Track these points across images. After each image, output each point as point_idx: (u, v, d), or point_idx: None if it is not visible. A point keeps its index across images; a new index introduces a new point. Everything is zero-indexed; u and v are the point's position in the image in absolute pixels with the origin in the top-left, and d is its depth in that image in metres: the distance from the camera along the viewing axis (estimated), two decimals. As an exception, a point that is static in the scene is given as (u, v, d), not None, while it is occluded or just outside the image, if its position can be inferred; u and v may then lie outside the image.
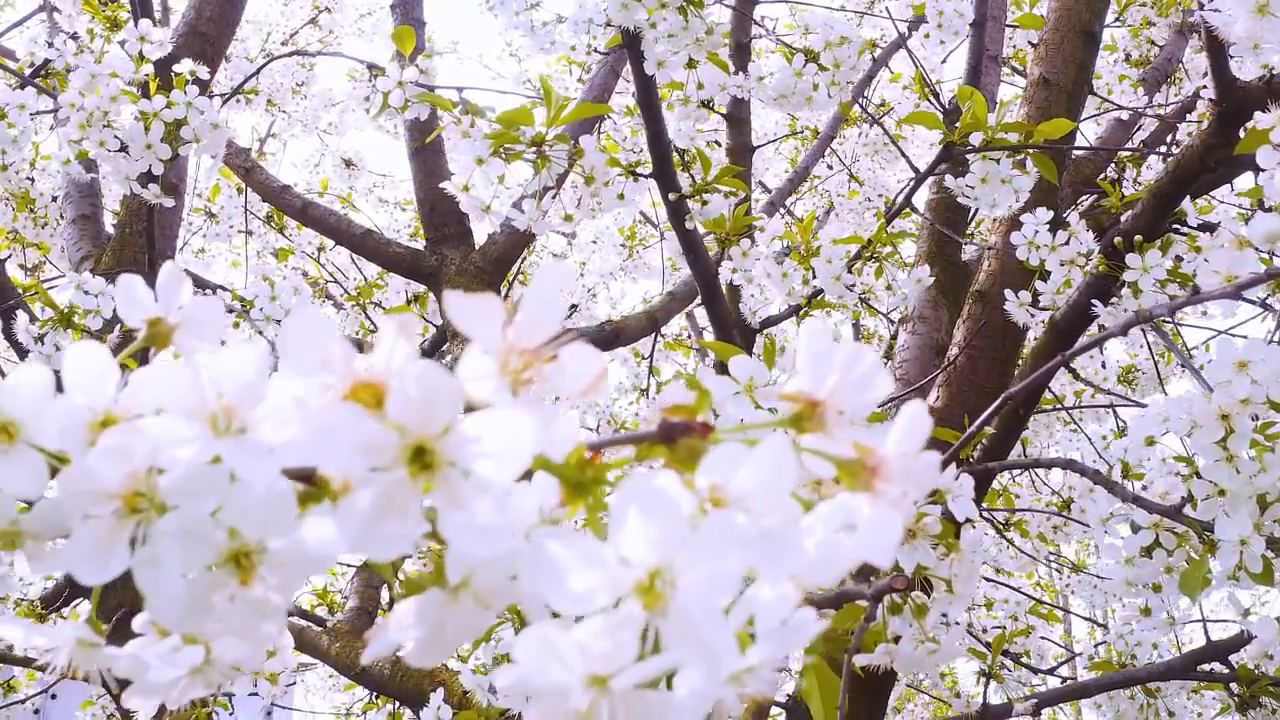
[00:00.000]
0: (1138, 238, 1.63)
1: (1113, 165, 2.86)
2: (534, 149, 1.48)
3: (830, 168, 4.82)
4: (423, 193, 3.46)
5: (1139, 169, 2.83)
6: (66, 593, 2.91)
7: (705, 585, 0.33)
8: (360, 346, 0.43)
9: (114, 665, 0.47)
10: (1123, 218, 1.78)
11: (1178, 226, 1.83)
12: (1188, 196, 1.75)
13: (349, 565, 3.98)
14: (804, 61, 1.90)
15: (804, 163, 4.02)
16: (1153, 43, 3.30)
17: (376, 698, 3.74)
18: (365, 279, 4.10)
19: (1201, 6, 1.31)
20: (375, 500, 0.34)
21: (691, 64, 1.91)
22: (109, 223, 2.96)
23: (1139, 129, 3.02)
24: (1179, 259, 1.70)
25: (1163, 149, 2.92)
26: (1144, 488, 1.44)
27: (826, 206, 4.78)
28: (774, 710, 2.45)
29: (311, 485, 0.38)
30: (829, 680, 1.02)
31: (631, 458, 0.39)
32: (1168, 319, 2.28)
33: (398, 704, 3.35)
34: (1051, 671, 2.97)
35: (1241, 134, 1.59)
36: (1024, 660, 2.84)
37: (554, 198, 1.66)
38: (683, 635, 0.33)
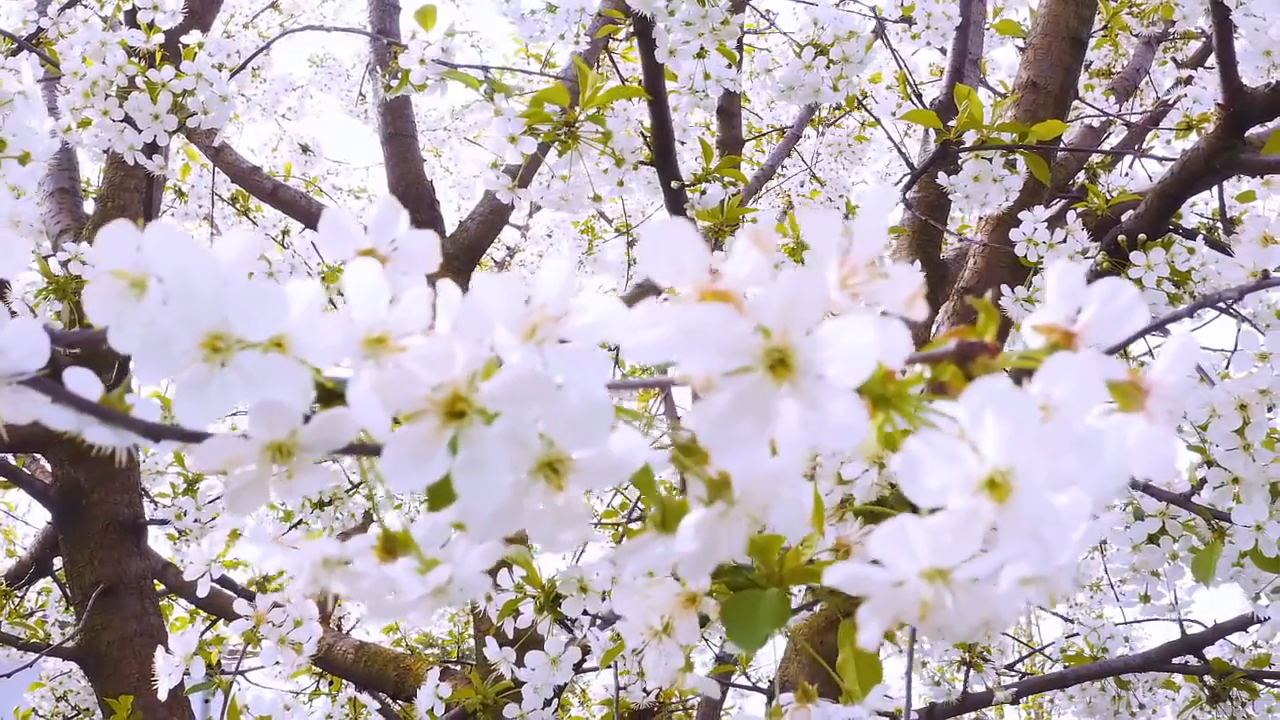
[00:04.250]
0: (1141, 236, 1.68)
1: (1083, 171, 2.93)
2: (565, 129, 1.49)
3: (785, 168, 4.87)
4: (394, 177, 3.45)
5: (1109, 173, 2.90)
6: (32, 570, 2.87)
7: (1046, 484, 0.35)
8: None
9: (358, 585, 0.48)
10: (1124, 216, 1.83)
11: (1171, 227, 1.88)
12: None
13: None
14: (813, 54, 1.93)
15: (770, 161, 4.05)
16: (1120, 52, 3.38)
17: (330, 685, 3.72)
18: (328, 265, 4.08)
19: (1228, 13, 1.36)
20: (733, 401, 0.35)
21: (701, 54, 1.93)
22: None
23: (1108, 135, 3.09)
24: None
25: (1129, 155, 2.99)
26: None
27: (785, 205, 4.83)
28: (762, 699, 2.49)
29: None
30: (865, 652, 1.04)
31: (921, 375, 0.41)
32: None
33: (356, 688, 3.34)
34: (1012, 667, 3.03)
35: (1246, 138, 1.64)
36: (986, 655, 2.89)
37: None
38: (1021, 531, 0.35)
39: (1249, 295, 1.60)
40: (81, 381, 0.50)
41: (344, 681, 3.33)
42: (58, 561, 3.02)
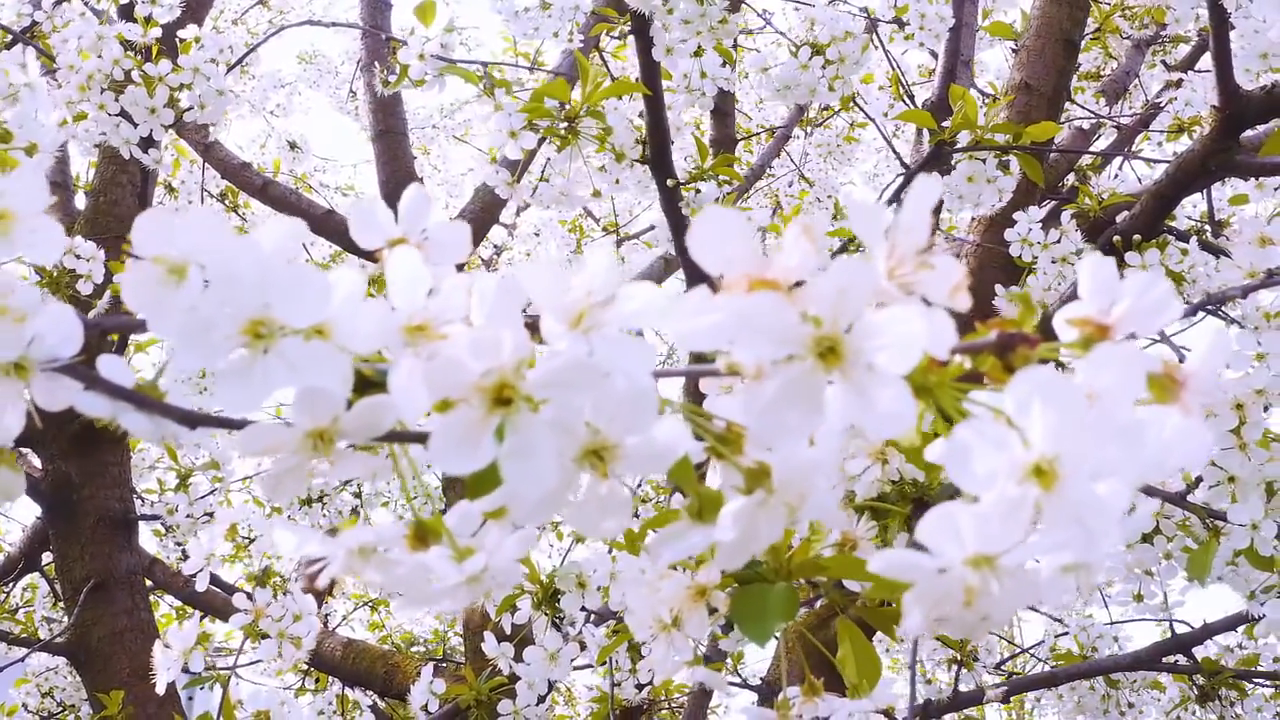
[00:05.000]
0: (1136, 237, 1.69)
1: (1072, 172, 2.94)
2: (566, 123, 1.49)
3: (772, 168, 4.87)
4: (384, 174, 3.46)
5: (1098, 175, 2.91)
6: (21, 566, 2.87)
7: (1093, 471, 0.35)
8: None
9: (393, 572, 0.48)
10: (1118, 217, 1.84)
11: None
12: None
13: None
14: (810, 54, 1.94)
15: (759, 160, 4.06)
16: (1110, 55, 3.40)
17: (316, 682, 3.71)
18: (315, 261, 4.07)
19: (1226, 14, 1.37)
20: (781, 389, 0.36)
21: (699, 52, 1.93)
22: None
23: (1098, 137, 3.10)
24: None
25: (1119, 157, 3.01)
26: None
27: (773, 205, 4.83)
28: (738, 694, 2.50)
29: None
30: (864, 648, 1.05)
31: (961, 365, 0.41)
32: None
33: (343, 685, 3.34)
34: (999, 666, 3.04)
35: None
36: (976, 655, 2.90)
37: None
38: (1067, 518, 0.36)
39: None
40: (115, 368, 0.50)
41: (330, 678, 3.33)
42: (45, 557, 3.01)
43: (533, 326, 0.41)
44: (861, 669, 1.05)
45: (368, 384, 0.46)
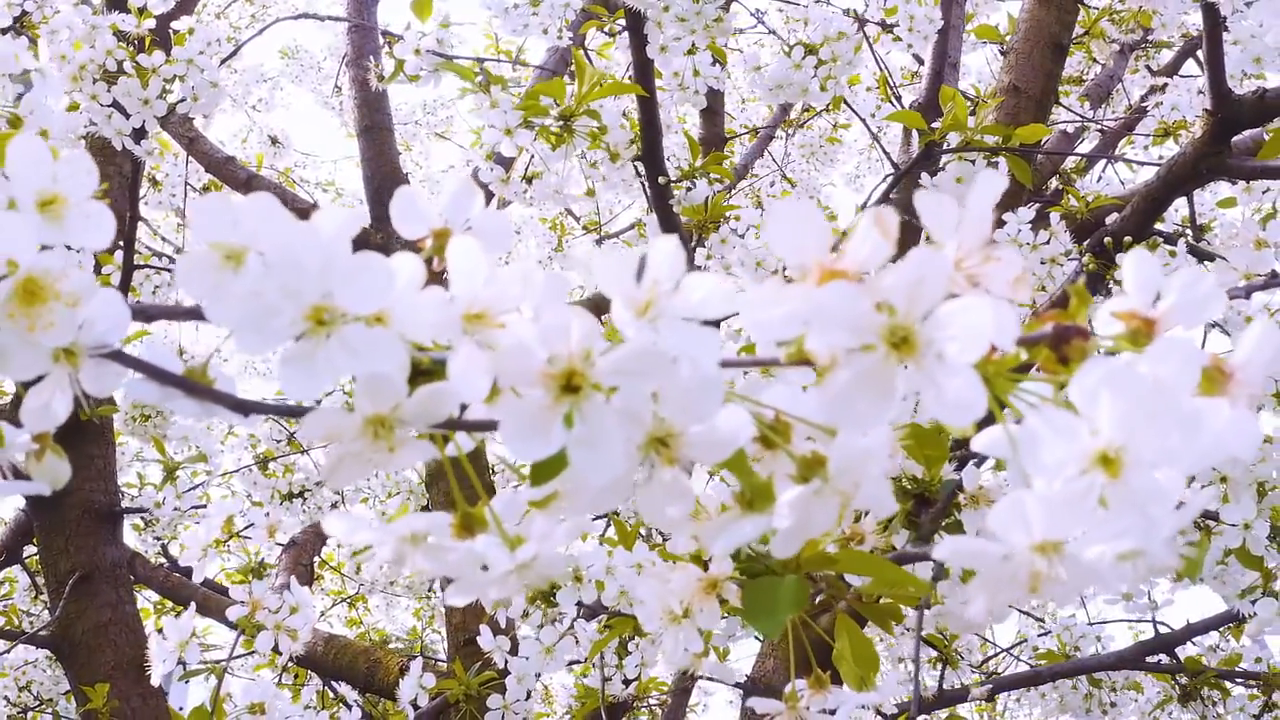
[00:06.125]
0: (1127, 238, 1.70)
1: (1056, 175, 2.96)
2: (561, 122, 1.50)
3: (753, 168, 4.88)
4: (369, 170, 3.45)
5: (1083, 177, 2.94)
6: (3, 557, 2.85)
7: (1155, 460, 0.36)
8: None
9: (444, 560, 0.48)
10: (1107, 219, 1.86)
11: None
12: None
13: (280, 544, 3.96)
14: (803, 54, 1.95)
15: (743, 160, 4.08)
16: (1093, 59, 3.42)
17: (295, 678, 3.70)
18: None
19: (1220, 18, 1.38)
20: (855, 378, 0.36)
21: (692, 50, 1.94)
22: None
23: (1082, 140, 3.13)
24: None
25: (1104, 160, 3.04)
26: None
27: (754, 205, 4.84)
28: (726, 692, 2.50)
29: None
30: (863, 642, 1.05)
31: (1017, 356, 0.42)
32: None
33: (324, 681, 3.33)
34: (980, 666, 3.07)
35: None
36: (960, 653, 2.92)
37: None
38: (1131, 505, 0.36)
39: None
40: (162, 354, 0.50)
41: (309, 673, 3.32)
42: (27, 550, 2.99)
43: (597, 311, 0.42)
44: (860, 663, 1.06)
45: (418, 372, 0.47)
